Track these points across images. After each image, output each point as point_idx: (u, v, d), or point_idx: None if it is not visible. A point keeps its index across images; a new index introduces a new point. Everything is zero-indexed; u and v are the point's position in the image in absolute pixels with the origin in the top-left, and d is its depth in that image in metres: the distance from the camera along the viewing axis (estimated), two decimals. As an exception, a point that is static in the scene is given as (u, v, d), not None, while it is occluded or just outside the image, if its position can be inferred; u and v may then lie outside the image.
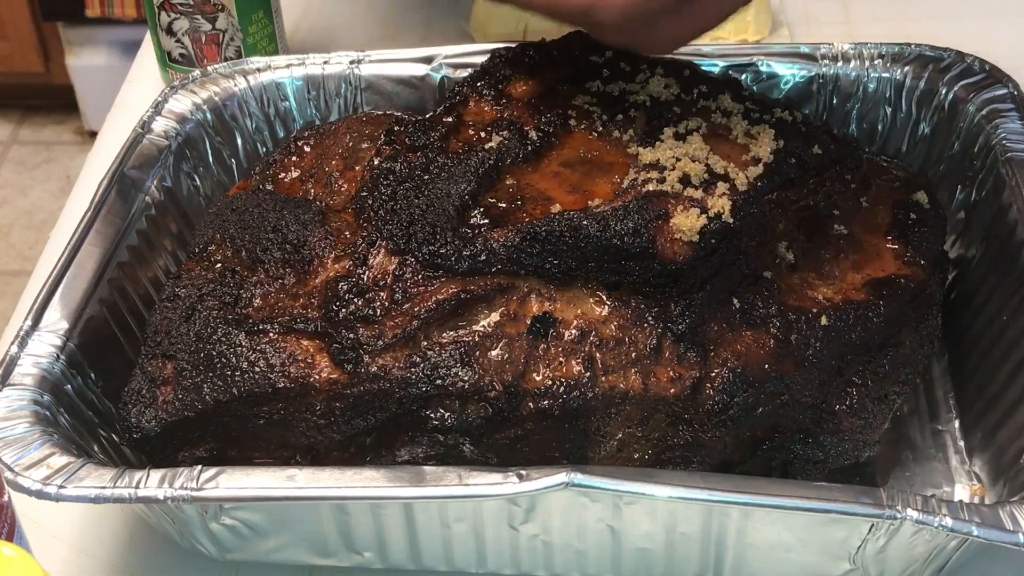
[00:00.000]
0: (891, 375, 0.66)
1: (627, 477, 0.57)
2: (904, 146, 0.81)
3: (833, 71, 0.81)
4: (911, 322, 0.67)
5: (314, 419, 0.62)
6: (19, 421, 0.61)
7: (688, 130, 0.67)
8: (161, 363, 0.65)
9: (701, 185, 0.63)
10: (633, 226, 0.61)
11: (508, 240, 0.63)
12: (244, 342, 0.63)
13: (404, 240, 0.65)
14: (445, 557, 0.64)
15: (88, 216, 0.72)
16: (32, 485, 0.58)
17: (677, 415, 0.61)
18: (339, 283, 0.64)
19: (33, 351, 0.65)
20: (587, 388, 0.60)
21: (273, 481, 0.58)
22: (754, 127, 0.67)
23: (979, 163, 0.75)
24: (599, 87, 0.72)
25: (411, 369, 0.61)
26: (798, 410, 0.62)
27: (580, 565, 0.64)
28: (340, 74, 0.83)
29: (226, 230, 0.70)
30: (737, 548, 0.61)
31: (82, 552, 0.68)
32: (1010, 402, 0.67)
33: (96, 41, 2.26)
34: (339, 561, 0.65)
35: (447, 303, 0.62)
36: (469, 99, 0.73)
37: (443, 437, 0.62)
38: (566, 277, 0.63)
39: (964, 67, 0.78)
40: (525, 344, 0.61)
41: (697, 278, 0.63)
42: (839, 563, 0.60)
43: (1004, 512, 0.56)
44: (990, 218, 0.73)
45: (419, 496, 0.58)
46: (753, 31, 1.01)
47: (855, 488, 0.57)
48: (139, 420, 0.63)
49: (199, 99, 0.82)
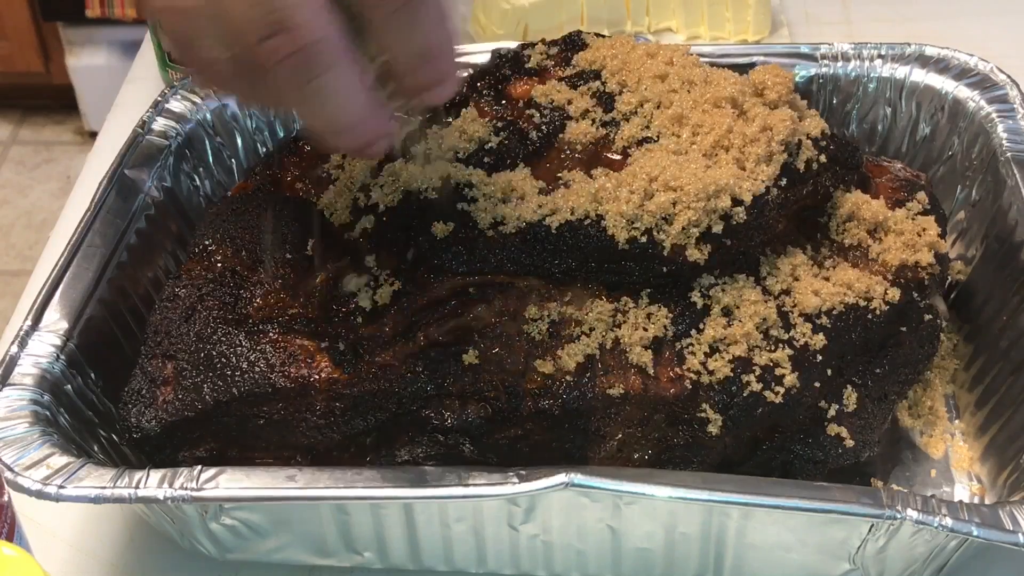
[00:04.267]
0: (891, 375, 0.66)
1: (627, 477, 0.57)
2: (904, 146, 0.81)
3: (833, 71, 0.81)
4: (911, 322, 0.67)
5: (314, 419, 0.62)
6: (19, 421, 0.61)
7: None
8: (161, 363, 0.65)
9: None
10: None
11: (508, 240, 0.63)
12: (244, 342, 0.63)
13: (404, 240, 0.65)
14: (445, 557, 0.64)
15: (88, 216, 0.72)
16: (32, 485, 0.58)
17: (677, 415, 0.61)
18: (339, 283, 0.64)
19: (33, 351, 0.65)
20: (587, 388, 0.60)
21: (273, 481, 0.58)
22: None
23: (979, 163, 0.75)
24: (599, 87, 0.72)
25: (411, 369, 0.61)
26: (798, 410, 0.62)
27: (580, 565, 0.64)
28: (340, 74, 0.83)
29: (226, 230, 0.70)
30: (737, 548, 0.61)
31: (82, 552, 0.68)
32: (1010, 402, 0.67)
33: (96, 41, 2.26)
34: (339, 561, 0.65)
35: (447, 303, 0.62)
36: (469, 99, 0.73)
37: (443, 437, 0.62)
38: (566, 277, 0.63)
39: (964, 67, 0.78)
40: (525, 344, 0.61)
41: (697, 278, 0.63)
42: (839, 563, 0.60)
43: (1004, 512, 0.56)
44: (990, 218, 0.73)
45: (419, 496, 0.58)
46: (753, 31, 1.01)
47: (855, 488, 0.57)
48: (139, 420, 0.63)
49: (199, 99, 0.82)
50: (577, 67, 0.73)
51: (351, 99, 0.49)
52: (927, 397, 0.72)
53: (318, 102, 0.48)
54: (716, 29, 1.02)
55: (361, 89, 0.49)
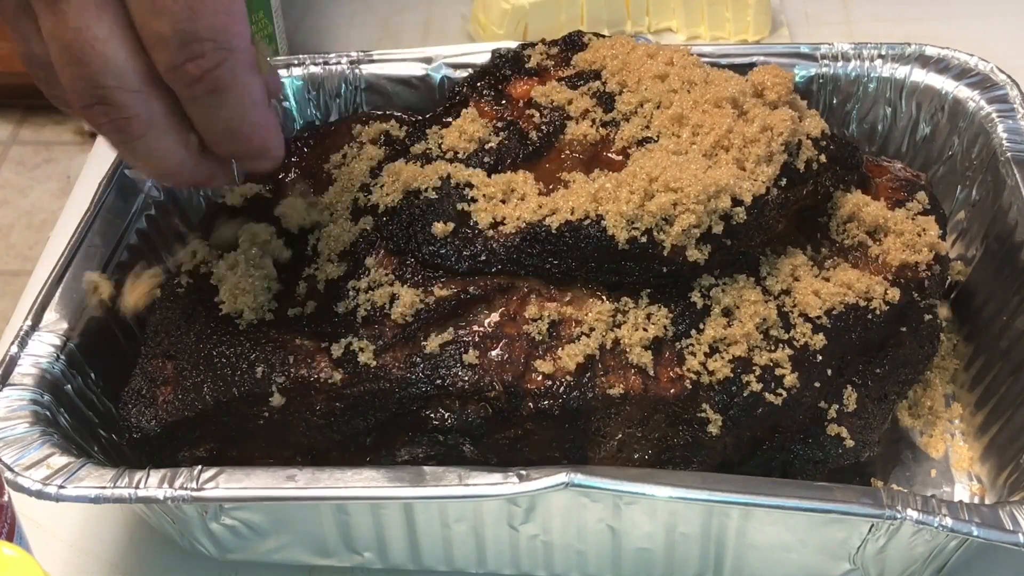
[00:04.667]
0: (891, 375, 0.66)
1: (627, 477, 0.57)
2: (904, 146, 0.81)
3: (833, 71, 0.81)
4: (911, 322, 0.67)
5: (314, 419, 0.62)
6: (19, 421, 0.61)
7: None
8: (161, 363, 0.65)
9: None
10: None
11: (508, 240, 0.63)
12: (244, 342, 0.63)
13: (404, 240, 0.65)
14: (445, 557, 0.64)
15: (88, 216, 0.72)
16: (32, 485, 0.58)
17: (677, 415, 0.61)
18: (339, 283, 0.64)
19: (33, 351, 0.65)
20: (587, 388, 0.60)
21: (273, 481, 0.58)
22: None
23: (979, 163, 0.75)
24: (599, 87, 0.72)
25: (411, 369, 0.61)
26: (798, 410, 0.62)
27: (580, 565, 0.64)
28: (340, 74, 0.83)
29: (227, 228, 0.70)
30: (737, 548, 0.61)
31: (82, 552, 0.68)
32: (1010, 402, 0.67)
33: (96, 41, 2.26)
34: (339, 561, 0.65)
35: (447, 303, 0.62)
36: (469, 99, 0.73)
37: (443, 437, 0.62)
38: (566, 277, 0.63)
39: (964, 67, 0.78)
40: (525, 344, 0.61)
41: (697, 278, 0.63)
42: (839, 563, 0.60)
43: (1004, 512, 0.56)
44: (990, 218, 0.73)
45: (419, 496, 0.58)
46: (753, 31, 1.01)
47: (855, 488, 0.57)
48: (139, 420, 0.63)
49: (199, 99, 0.81)
50: (577, 67, 0.73)
51: (170, 157, 0.55)
52: (927, 397, 0.72)
53: (138, 156, 0.55)
54: (716, 29, 1.02)
55: (182, 148, 0.55)
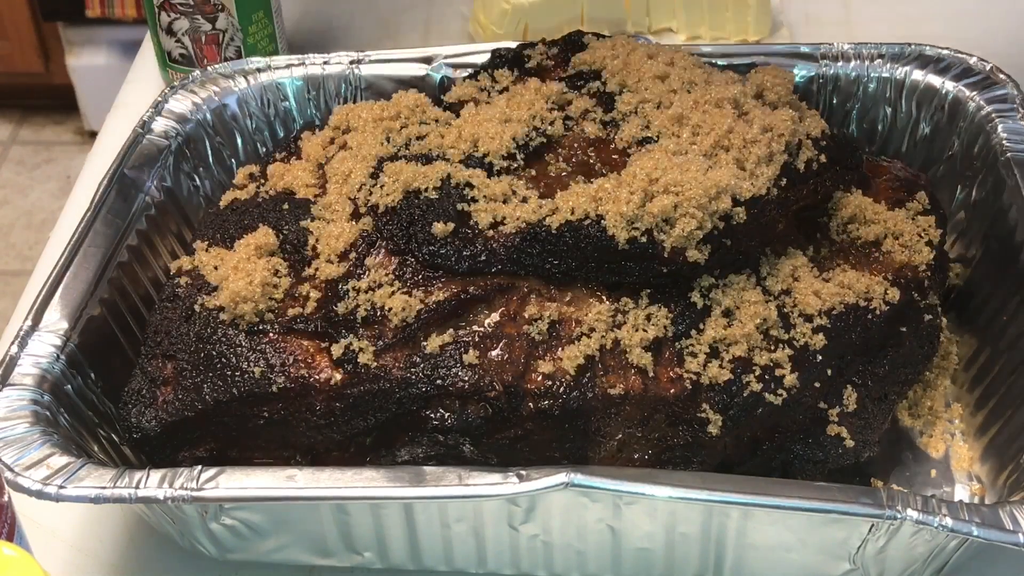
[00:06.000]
0: (891, 375, 0.66)
1: (627, 477, 0.57)
2: (904, 146, 0.81)
3: (833, 71, 0.81)
4: (911, 322, 0.67)
5: (314, 419, 0.62)
6: (19, 421, 0.61)
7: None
8: (161, 363, 0.65)
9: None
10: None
11: (508, 240, 0.63)
12: (244, 342, 0.63)
13: (404, 240, 0.65)
14: (445, 557, 0.64)
15: (88, 216, 0.72)
16: (32, 485, 0.58)
17: (677, 415, 0.61)
18: (339, 283, 0.64)
19: (33, 351, 0.65)
20: (587, 388, 0.60)
21: (273, 481, 0.58)
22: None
23: (979, 163, 0.75)
24: (599, 87, 0.72)
25: (411, 369, 0.61)
26: (798, 410, 0.62)
27: (580, 565, 0.64)
28: (340, 74, 0.83)
29: (226, 230, 0.70)
30: (737, 548, 0.61)
31: (82, 552, 0.68)
32: (1010, 402, 0.67)
33: (96, 41, 2.26)
34: (339, 561, 0.65)
35: (447, 303, 0.62)
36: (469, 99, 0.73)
37: (443, 437, 0.62)
38: (566, 277, 0.63)
39: (964, 67, 0.78)
40: (525, 344, 0.61)
41: (697, 278, 0.63)
42: (839, 563, 0.60)
43: (1004, 512, 0.56)
44: (990, 218, 0.73)
45: (419, 496, 0.58)
46: (753, 31, 1.01)
47: (855, 488, 0.57)
48: (139, 420, 0.63)
49: (199, 99, 0.82)
50: (577, 67, 0.73)
51: None
52: (927, 397, 0.72)
53: None
54: (716, 29, 1.02)
55: None
